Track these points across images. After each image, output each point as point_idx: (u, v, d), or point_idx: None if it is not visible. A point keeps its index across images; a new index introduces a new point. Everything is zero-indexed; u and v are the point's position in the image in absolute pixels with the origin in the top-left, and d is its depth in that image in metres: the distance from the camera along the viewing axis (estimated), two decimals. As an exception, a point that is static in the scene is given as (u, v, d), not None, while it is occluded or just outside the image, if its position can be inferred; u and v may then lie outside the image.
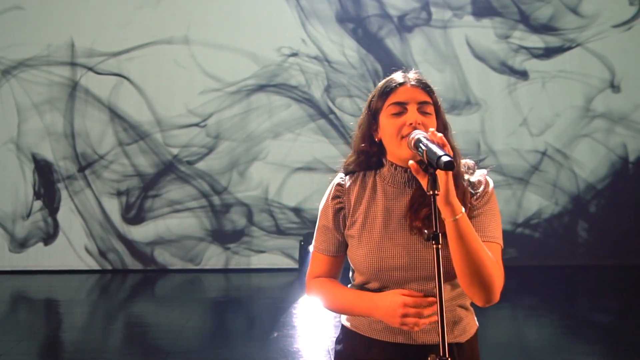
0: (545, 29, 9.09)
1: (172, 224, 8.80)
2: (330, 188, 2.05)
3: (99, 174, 8.79)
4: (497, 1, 9.07)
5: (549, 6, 9.06)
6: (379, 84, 2.00)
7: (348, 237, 1.99)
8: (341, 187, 2.02)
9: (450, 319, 1.90)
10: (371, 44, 9.01)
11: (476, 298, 1.81)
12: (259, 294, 7.72)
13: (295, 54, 8.94)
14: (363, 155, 2.02)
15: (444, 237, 1.69)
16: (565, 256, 8.85)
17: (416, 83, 1.93)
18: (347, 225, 1.98)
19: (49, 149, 8.78)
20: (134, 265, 8.74)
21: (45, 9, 8.79)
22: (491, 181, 1.95)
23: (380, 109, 1.94)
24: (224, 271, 8.71)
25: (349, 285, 2.04)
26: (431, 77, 2.06)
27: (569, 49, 9.09)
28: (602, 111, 9.05)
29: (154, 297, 7.78)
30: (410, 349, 1.89)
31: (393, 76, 1.98)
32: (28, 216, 8.76)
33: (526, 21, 9.09)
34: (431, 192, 1.64)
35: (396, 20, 9.02)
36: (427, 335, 1.88)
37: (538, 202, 8.97)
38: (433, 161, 1.61)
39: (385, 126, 1.92)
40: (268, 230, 8.83)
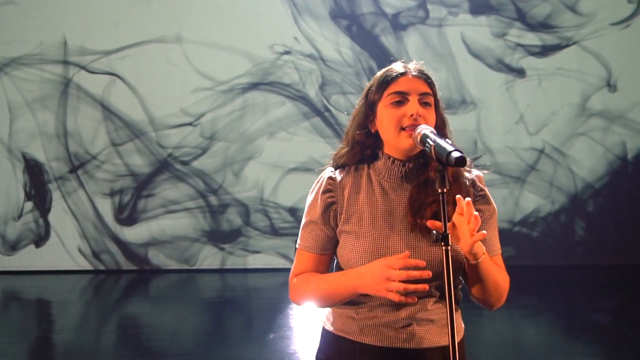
0: (542, 26, 9.05)
1: (166, 224, 8.70)
2: (319, 182, 1.95)
3: (91, 174, 8.69)
4: (495, -1, 9.06)
5: (547, 4, 9.02)
6: (378, 74, 1.93)
7: (342, 234, 1.88)
8: (333, 180, 1.91)
9: (442, 322, 1.84)
10: (366, 41, 8.95)
11: (486, 307, 1.87)
12: (254, 294, 7.66)
13: (289, 51, 8.87)
14: (358, 146, 1.92)
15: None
16: (562, 255, 8.81)
17: (418, 74, 1.87)
18: (342, 220, 1.88)
19: (40, 148, 8.67)
20: (127, 266, 8.64)
21: (38, 5, 8.67)
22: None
23: (378, 99, 1.87)
24: (219, 271, 8.63)
25: None
26: (427, 75, 2.01)
27: (566, 46, 9.05)
28: (599, 109, 9.02)
29: (148, 298, 7.70)
30: (406, 354, 1.81)
31: (392, 66, 1.91)
32: (19, 217, 8.66)
33: (523, 19, 9.05)
34: (440, 190, 1.56)
35: (391, 17, 8.97)
36: (423, 339, 1.81)
37: (535, 201, 8.93)
38: (442, 157, 1.54)
39: (384, 116, 1.85)
40: (263, 231, 8.76)
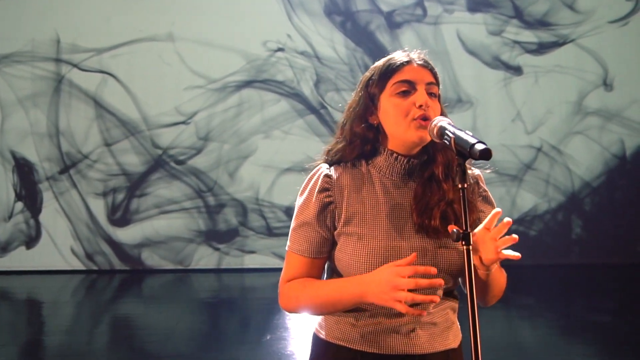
0: (540, 24, 9.04)
1: (160, 224, 8.63)
2: (312, 180, 1.80)
3: (84, 173, 8.60)
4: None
5: (545, 1, 9.01)
6: (378, 63, 1.80)
7: (341, 236, 1.74)
8: (329, 178, 1.76)
9: (444, 324, 1.76)
10: (361, 37, 8.89)
11: (482, 304, 1.78)
12: (250, 294, 7.58)
13: (282, 48, 8.80)
14: (358, 140, 1.78)
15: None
16: (560, 254, 8.79)
17: (423, 63, 1.76)
18: (342, 222, 1.73)
19: (31, 147, 8.57)
20: (121, 267, 8.56)
21: (30, 1, 8.58)
22: None
23: (381, 90, 1.75)
24: (215, 271, 8.55)
25: None
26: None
27: (563, 44, 9.04)
28: (597, 107, 9.01)
29: (142, 298, 7.61)
30: None
31: (394, 55, 1.79)
32: (9, 218, 8.54)
33: (520, 16, 9.03)
34: (460, 186, 1.46)
35: (386, 14, 8.92)
36: (427, 343, 1.71)
37: (532, 200, 8.92)
38: (465, 150, 1.45)
39: (389, 107, 1.72)
40: (257, 231, 8.68)
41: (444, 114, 1.77)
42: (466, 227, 1.44)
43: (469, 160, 1.61)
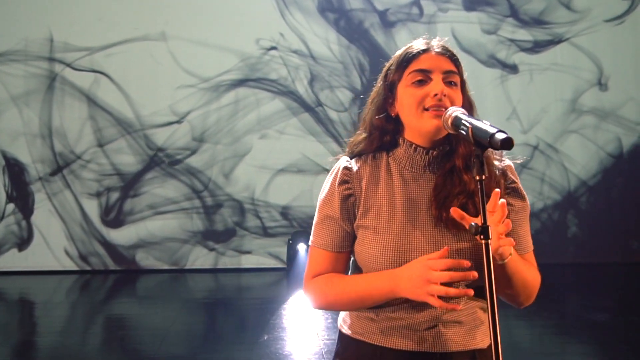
0: (535, 22, 9.03)
1: (155, 225, 8.57)
2: (334, 173, 1.77)
3: (77, 173, 8.51)
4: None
5: (541, 0, 9.00)
6: (398, 53, 1.77)
7: (359, 228, 1.71)
8: (349, 170, 1.74)
9: (471, 323, 1.69)
10: (355, 35, 8.86)
11: (515, 305, 1.76)
12: (246, 294, 7.52)
13: (275, 47, 8.76)
14: (376, 131, 1.76)
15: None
16: (556, 253, 8.78)
17: (442, 50, 1.72)
18: (359, 214, 1.71)
19: (23, 147, 8.48)
20: (115, 268, 8.48)
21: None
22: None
23: (398, 79, 1.71)
24: (211, 271, 8.48)
25: None
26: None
27: (559, 42, 9.04)
28: (592, 106, 9.02)
29: (137, 298, 7.53)
30: (431, 358, 1.66)
31: (413, 43, 1.75)
32: (1, 220, 8.44)
33: (516, 15, 9.02)
34: (478, 178, 1.41)
35: (380, 13, 8.89)
36: (450, 342, 1.66)
37: (528, 198, 8.88)
38: (484, 140, 1.38)
39: (405, 97, 1.69)
40: (252, 231, 8.62)
41: (469, 103, 1.74)
42: (485, 220, 1.39)
43: (492, 151, 1.58)
